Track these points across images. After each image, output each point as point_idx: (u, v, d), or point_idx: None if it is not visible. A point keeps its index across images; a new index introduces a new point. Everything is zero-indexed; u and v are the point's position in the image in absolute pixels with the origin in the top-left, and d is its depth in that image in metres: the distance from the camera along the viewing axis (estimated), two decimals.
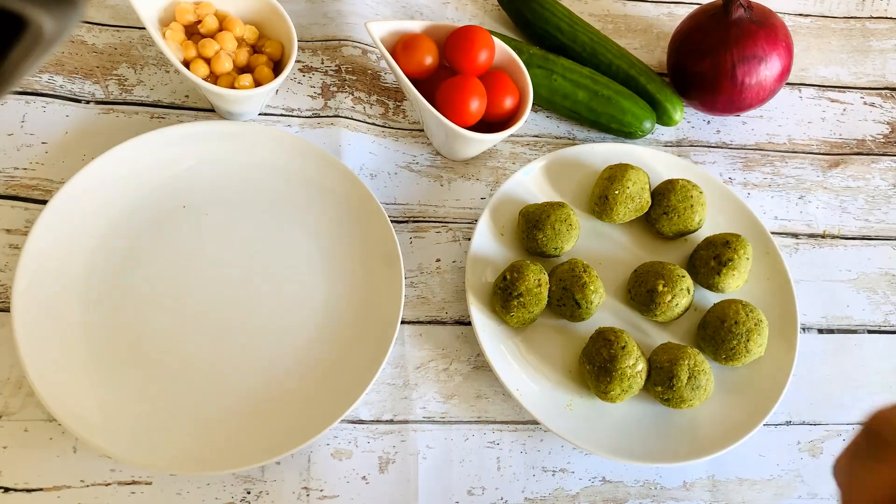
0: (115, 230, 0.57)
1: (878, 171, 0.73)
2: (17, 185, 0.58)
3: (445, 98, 0.59)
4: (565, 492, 0.55)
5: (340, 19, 0.70)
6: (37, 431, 0.51)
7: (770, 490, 0.58)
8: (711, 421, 0.57)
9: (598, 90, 0.66)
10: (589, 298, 0.56)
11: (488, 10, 0.75)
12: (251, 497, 0.52)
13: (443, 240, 0.63)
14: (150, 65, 0.65)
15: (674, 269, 0.58)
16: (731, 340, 0.56)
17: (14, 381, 0.52)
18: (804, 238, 0.68)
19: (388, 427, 0.55)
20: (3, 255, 0.56)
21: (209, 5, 0.60)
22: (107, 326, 0.54)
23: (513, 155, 0.67)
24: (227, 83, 0.58)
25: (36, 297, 0.52)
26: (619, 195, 0.61)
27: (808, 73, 0.77)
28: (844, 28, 0.81)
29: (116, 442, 0.49)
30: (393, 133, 0.66)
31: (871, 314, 0.66)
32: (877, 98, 0.77)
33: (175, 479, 0.51)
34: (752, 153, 0.72)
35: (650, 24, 0.77)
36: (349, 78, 0.67)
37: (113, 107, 0.63)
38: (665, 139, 0.71)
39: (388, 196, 0.64)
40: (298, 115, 0.65)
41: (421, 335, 0.59)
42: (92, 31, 0.65)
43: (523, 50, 0.67)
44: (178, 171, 0.60)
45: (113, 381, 0.52)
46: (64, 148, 0.60)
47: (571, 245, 0.60)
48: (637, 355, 0.55)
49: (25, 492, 0.49)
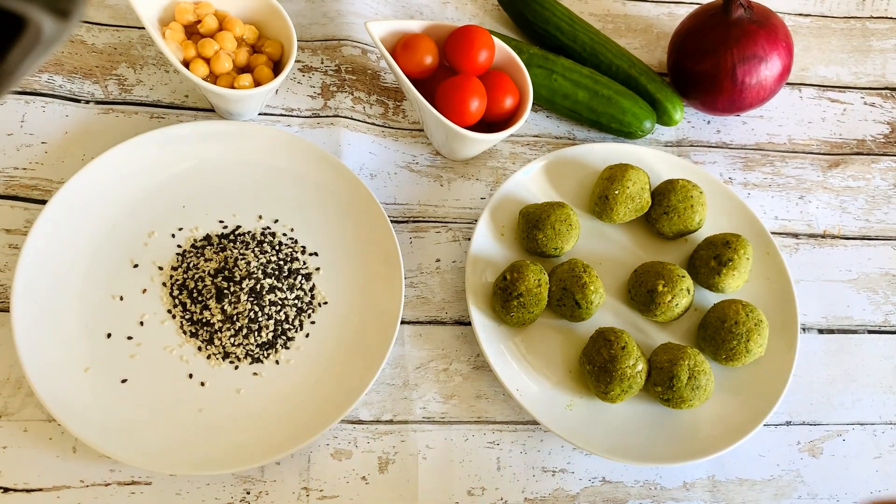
0: (115, 230, 0.57)
1: (878, 171, 0.73)
2: (17, 185, 0.58)
3: (445, 98, 0.59)
4: (565, 492, 0.55)
5: (340, 19, 0.70)
6: (37, 431, 0.51)
7: (770, 490, 0.58)
8: (711, 421, 0.57)
9: (599, 90, 0.66)
10: (589, 298, 0.56)
11: (488, 10, 0.75)
12: (251, 497, 0.52)
13: (443, 240, 0.63)
14: (150, 65, 0.65)
15: (674, 269, 0.58)
16: (732, 341, 0.56)
17: (14, 381, 0.52)
18: (804, 238, 0.68)
19: (387, 427, 0.55)
20: (3, 255, 0.56)
21: (209, 5, 0.60)
22: (106, 326, 0.54)
23: (513, 155, 0.67)
24: (226, 83, 0.58)
25: (36, 297, 0.52)
26: (619, 195, 0.61)
27: (809, 73, 0.77)
28: (844, 28, 0.81)
29: (116, 442, 0.49)
30: (393, 133, 0.66)
31: (872, 314, 0.66)
32: (877, 98, 0.77)
33: (175, 480, 0.51)
34: (752, 153, 0.72)
35: (650, 24, 0.77)
36: (349, 78, 0.67)
37: (112, 107, 0.62)
38: (665, 139, 0.71)
39: (388, 196, 0.64)
40: (298, 115, 0.65)
41: (421, 335, 0.59)
42: (91, 31, 0.65)
43: (523, 50, 0.67)
44: (178, 171, 0.60)
45: (112, 381, 0.52)
46: (63, 148, 0.60)
47: (571, 245, 0.60)
48: (637, 355, 0.55)
49: (25, 492, 0.49)
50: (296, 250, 0.59)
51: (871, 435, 0.61)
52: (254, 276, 0.57)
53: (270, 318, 0.56)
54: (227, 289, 0.56)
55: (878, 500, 0.37)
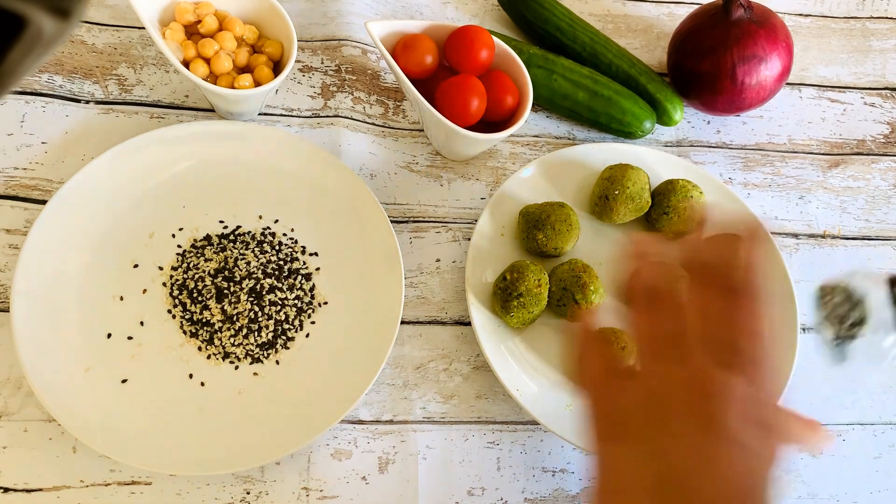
0: (115, 230, 0.57)
1: (878, 172, 0.73)
2: (17, 185, 0.58)
3: (445, 98, 0.59)
4: (565, 492, 0.55)
5: (340, 19, 0.70)
6: (37, 431, 0.51)
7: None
8: None
9: (599, 90, 0.66)
10: (589, 298, 0.56)
11: (488, 10, 0.75)
12: (251, 497, 0.52)
13: (443, 240, 0.63)
14: (150, 65, 0.65)
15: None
16: None
17: (14, 381, 0.52)
18: (804, 238, 0.68)
19: (387, 427, 0.55)
20: (3, 255, 0.56)
21: (209, 5, 0.60)
22: (106, 326, 0.54)
23: (513, 155, 0.67)
24: (226, 83, 0.58)
25: (35, 297, 0.52)
26: (619, 195, 0.61)
27: (808, 73, 0.77)
28: (844, 28, 0.81)
29: (116, 442, 0.49)
30: (393, 133, 0.66)
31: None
32: (877, 98, 0.77)
33: (175, 480, 0.51)
34: (752, 153, 0.72)
35: (650, 24, 0.77)
36: (349, 78, 0.67)
37: (112, 107, 0.62)
38: (665, 139, 0.71)
39: (388, 196, 0.64)
40: (298, 115, 0.65)
41: (421, 335, 0.59)
42: (91, 31, 0.65)
43: (523, 50, 0.67)
44: (178, 171, 0.60)
45: (113, 381, 0.52)
46: (63, 148, 0.60)
47: (571, 245, 0.60)
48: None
49: (25, 492, 0.49)
50: (296, 250, 0.59)
51: (871, 435, 0.61)
52: (254, 276, 0.57)
53: (270, 319, 0.56)
54: (227, 289, 0.56)
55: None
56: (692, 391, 0.33)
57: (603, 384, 0.36)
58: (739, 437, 0.32)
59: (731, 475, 0.31)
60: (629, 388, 0.35)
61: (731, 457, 0.31)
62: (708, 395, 0.32)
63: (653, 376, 0.34)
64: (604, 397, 0.36)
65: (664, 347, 0.35)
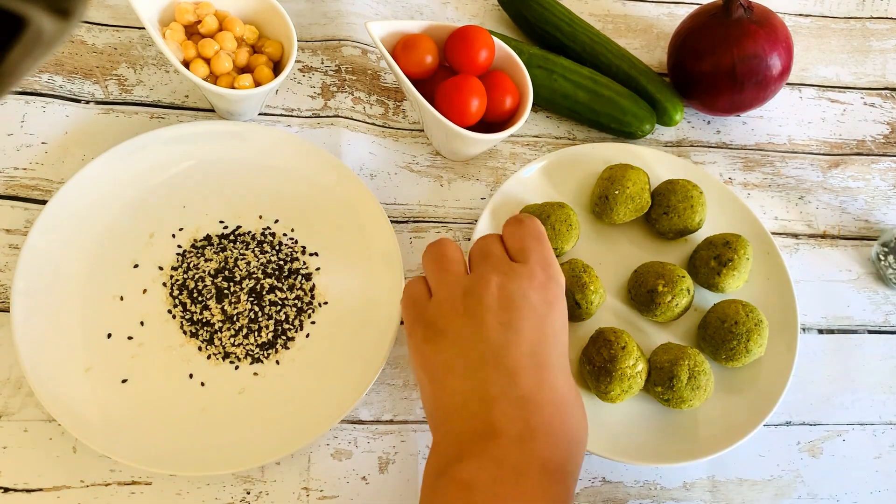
0: (115, 230, 0.57)
1: (878, 172, 0.73)
2: (17, 185, 0.58)
3: (445, 98, 0.59)
4: None
5: (340, 19, 0.70)
6: (37, 431, 0.51)
7: (770, 490, 0.58)
8: (711, 421, 0.57)
9: (599, 90, 0.66)
10: (589, 298, 0.56)
11: (488, 10, 0.75)
12: (251, 497, 0.52)
13: None
14: (150, 65, 0.65)
15: (674, 270, 0.58)
16: (732, 341, 0.56)
17: (14, 381, 0.52)
18: (804, 238, 0.68)
19: (388, 427, 0.55)
20: (3, 255, 0.56)
21: (209, 5, 0.60)
22: (106, 326, 0.54)
23: (513, 155, 0.67)
24: (226, 83, 0.58)
25: (35, 297, 0.52)
26: (619, 195, 0.61)
27: (808, 73, 0.77)
28: (844, 28, 0.81)
29: (116, 442, 0.49)
30: (393, 133, 0.66)
31: (872, 314, 0.66)
32: (877, 98, 0.77)
33: (175, 480, 0.51)
34: (752, 153, 0.72)
35: (650, 24, 0.77)
36: (349, 78, 0.67)
37: (113, 107, 0.63)
38: (665, 139, 0.71)
39: (388, 196, 0.64)
40: (298, 115, 0.65)
41: None
42: (91, 31, 0.65)
43: (523, 50, 0.67)
44: (178, 171, 0.60)
45: (113, 381, 0.52)
46: (63, 148, 0.60)
47: (571, 245, 0.60)
48: (637, 355, 0.55)
49: (25, 492, 0.49)
50: (296, 250, 0.59)
51: (870, 435, 0.61)
52: (254, 277, 0.57)
53: (270, 318, 0.56)
54: (227, 289, 0.56)
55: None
56: (472, 290, 0.44)
57: (421, 302, 0.46)
58: (531, 306, 0.43)
59: (527, 336, 0.43)
60: (437, 302, 0.45)
61: (522, 322, 0.43)
62: (480, 292, 0.44)
63: (454, 286, 0.45)
64: (420, 312, 0.46)
65: (474, 264, 0.47)
